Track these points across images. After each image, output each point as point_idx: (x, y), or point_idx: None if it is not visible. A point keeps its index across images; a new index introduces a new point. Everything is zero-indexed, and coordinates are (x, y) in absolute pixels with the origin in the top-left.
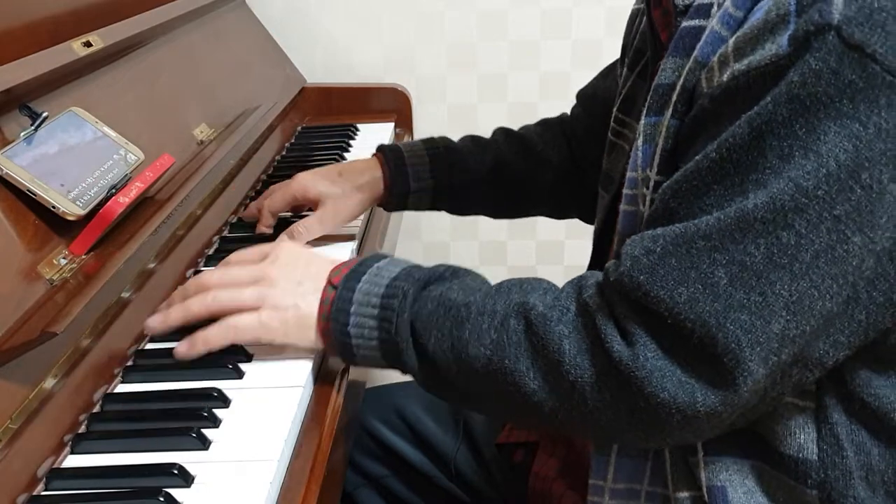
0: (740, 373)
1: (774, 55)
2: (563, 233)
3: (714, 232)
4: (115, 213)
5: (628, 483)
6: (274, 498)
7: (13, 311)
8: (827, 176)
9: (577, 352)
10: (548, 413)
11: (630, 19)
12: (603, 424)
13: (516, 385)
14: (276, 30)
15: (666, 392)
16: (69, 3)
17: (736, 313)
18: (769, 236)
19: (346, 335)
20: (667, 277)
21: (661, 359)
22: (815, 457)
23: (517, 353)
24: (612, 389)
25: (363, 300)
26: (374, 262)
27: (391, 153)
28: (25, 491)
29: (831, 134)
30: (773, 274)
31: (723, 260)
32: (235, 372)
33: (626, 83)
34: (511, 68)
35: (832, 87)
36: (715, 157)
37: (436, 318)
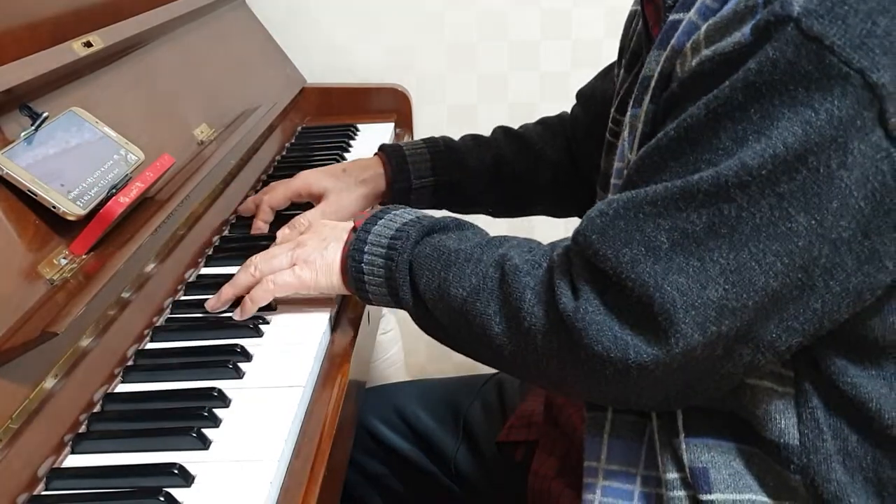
0: (673, 333)
1: (737, 43)
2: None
3: (660, 199)
4: (116, 214)
5: (623, 465)
6: (274, 498)
7: (13, 311)
8: (773, 157)
9: (536, 302)
10: (507, 356)
11: (627, 21)
12: (550, 372)
13: (483, 327)
14: (276, 30)
15: (600, 345)
16: (69, 3)
17: (674, 276)
18: (711, 207)
19: (360, 272)
20: (615, 238)
21: (600, 314)
22: (797, 441)
23: (489, 298)
24: (558, 339)
25: (375, 240)
26: (393, 210)
27: (393, 151)
28: (26, 490)
29: (784, 119)
30: (712, 242)
31: (666, 225)
32: (235, 372)
33: (622, 84)
34: (511, 68)
35: (787, 76)
36: (673, 136)
37: (430, 260)
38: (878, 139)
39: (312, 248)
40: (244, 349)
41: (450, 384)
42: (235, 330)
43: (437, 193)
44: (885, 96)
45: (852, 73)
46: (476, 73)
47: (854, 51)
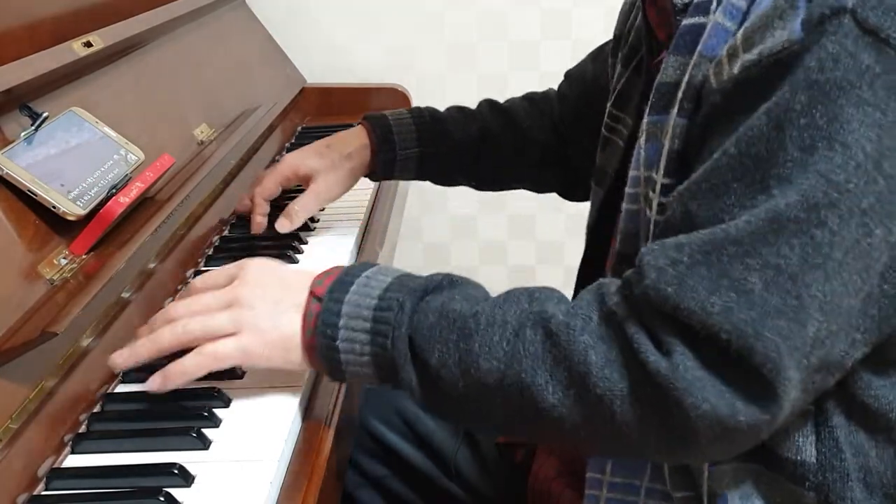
0: (780, 381)
1: (787, 41)
2: (563, 233)
3: (745, 235)
4: (116, 213)
5: (626, 478)
6: (274, 498)
7: (13, 311)
8: (856, 168)
9: (605, 363)
10: (568, 429)
11: (624, 11)
12: (630, 439)
13: (533, 400)
14: (276, 30)
15: (707, 403)
16: (69, 3)
17: (773, 320)
18: (803, 236)
19: (335, 350)
20: (697, 288)
21: (699, 369)
22: (814, 459)
23: (534, 366)
24: (644, 402)
25: (353, 313)
26: (361, 270)
27: (377, 121)
28: (26, 490)
29: (854, 122)
30: (808, 275)
31: (756, 265)
32: (235, 371)
33: (620, 79)
34: (511, 68)
35: (851, 72)
36: (733, 153)
37: (438, 330)
38: None
39: (262, 314)
40: None
41: None
42: None
43: (422, 164)
44: None
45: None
46: (476, 73)
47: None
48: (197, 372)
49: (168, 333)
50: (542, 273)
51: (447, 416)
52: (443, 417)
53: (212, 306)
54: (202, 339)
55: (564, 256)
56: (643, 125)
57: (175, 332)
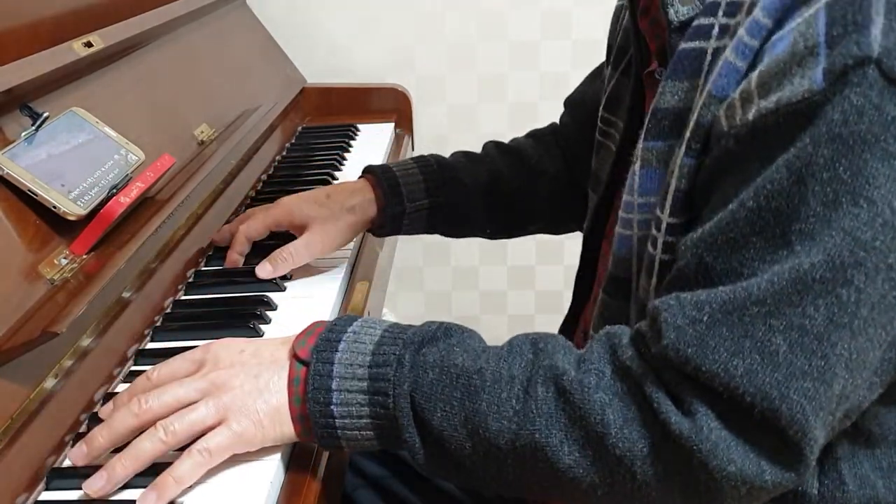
0: (806, 442)
1: (808, 90)
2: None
3: (768, 296)
4: (116, 213)
5: None
6: (274, 498)
7: (14, 311)
8: (883, 225)
9: (624, 422)
10: (585, 490)
11: (614, 17)
12: (651, 499)
13: (548, 461)
14: (276, 30)
15: (733, 465)
16: (70, 4)
17: (798, 381)
18: (829, 296)
19: (329, 416)
20: (718, 349)
21: (723, 429)
22: (815, 491)
23: (548, 425)
24: (666, 463)
25: (346, 373)
26: (347, 325)
27: (383, 173)
28: (26, 490)
29: (881, 177)
30: (833, 335)
31: (780, 326)
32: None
33: (610, 82)
34: (511, 68)
35: (876, 125)
36: (752, 206)
37: (441, 387)
38: None
39: (245, 392)
40: None
41: None
42: (235, 330)
43: (432, 216)
44: None
45: None
46: (476, 73)
47: None
48: (195, 474)
49: (149, 443)
50: (540, 273)
51: (453, 477)
52: (448, 479)
53: (186, 399)
54: (188, 438)
55: (564, 256)
56: (638, 150)
57: (158, 438)
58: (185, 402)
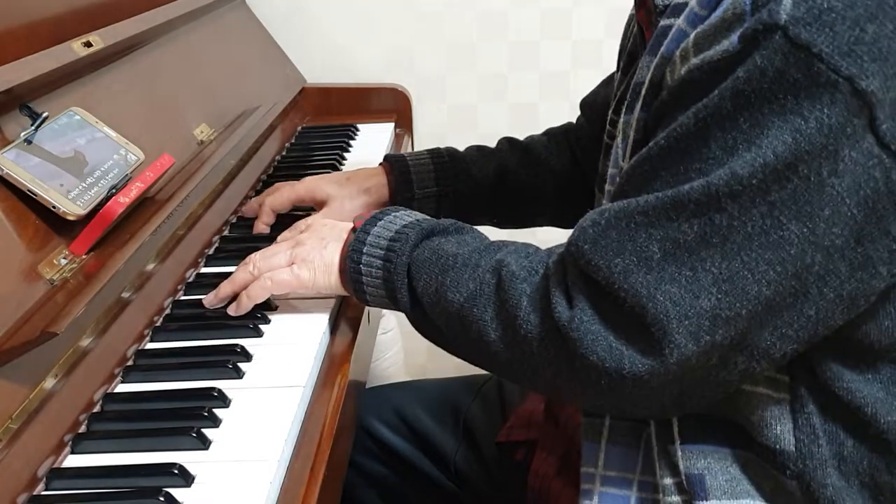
0: (667, 343)
1: (725, 51)
2: (562, 233)
3: (650, 208)
4: (116, 213)
5: (620, 471)
6: (274, 498)
7: (13, 311)
8: (763, 165)
9: (532, 309)
10: (504, 363)
11: (627, 23)
12: (546, 379)
13: (480, 333)
14: (276, 30)
15: (595, 355)
16: (69, 3)
17: (666, 286)
18: (702, 217)
19: (358, 273)
20: (606, 248)
21: (595, 323)
22: (793, 447)
23: (485, 304)
24: (554, 347)
25: (374, 242)
26: (393, 211)
27: (396, 161)
28: (26, 490)
29: (774, 128)
30: (704, 251)
31: (658, 235)
32: (235, 372)
33: (619, 86)
34: (511, 68)
35: (776, 85)
36: (663, 145)
37: (428, 264)
38: (870, 146)
39: (311, 248)
40: (244, 349)
41: (449, 384)
42: (235, 330)
43: (440, 204)
44: (874, 103)
45: (841, 81)
46: (476, 73)
47: (842, 58)
48: (261, 293)
49: (242, 272)
50: None
51: (429, 336)
52: (427, 338)
53: (276, 249)
54: (266, 271)
55: None
56: (619, 124)
57: (248, 269)
58: (275, 253)
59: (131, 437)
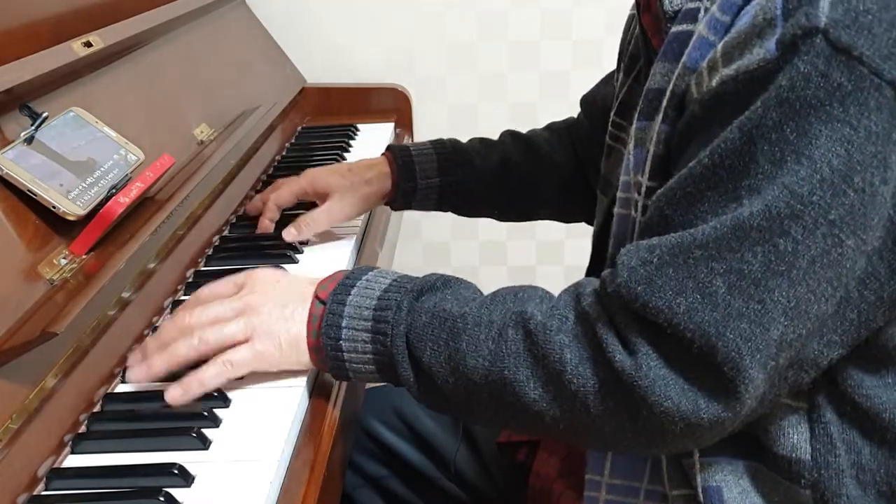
0: (741, 381)
1: (762, 59)
2: (563, 233)
3: (711, 241)
4: (116, 213)
5: (626, 480)
6: (274, 498)
7: (13, 311)
8: (821, 181)
9: (579, 361)
10: (549, 422)
11: (627, 24)
12: (606, 433)
13: (516, 395)
14: (276, 30)
15: (670, 401)
16: (69, 3)
17: (735, 322)
18: (766, 244)
19: (338, 350)
20: (664, 288)
21: (663, 367)
22: (809, 456)
23: (517, 364)
24: (615, 399)
25: (354, 313)
26: (362, 274)
27: (399, 151)
28: (26, 490)
29: (823, 138)
30: (771, 281)
31: (720, 269)
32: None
33: (622, 88)
34: (511, 68)
35: (821, 91)
36: (707, 164)
37: (431, 329)
38: None
39: (272, 318)
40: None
41: None
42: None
43: (442, 194)
44: None
45: (884, 85)
46: (476, 73)
47: (884, 61)
48: (216, 382)
49: (184, 347)
50: (541, 273)
51: (442, 410)
52: (439, 411)
53: (223, 316)
54: (217, 348)
55: (564, 256)
56: (632, 131)
57: (191, 344)
58: (222, 319)
59: (131, 437)
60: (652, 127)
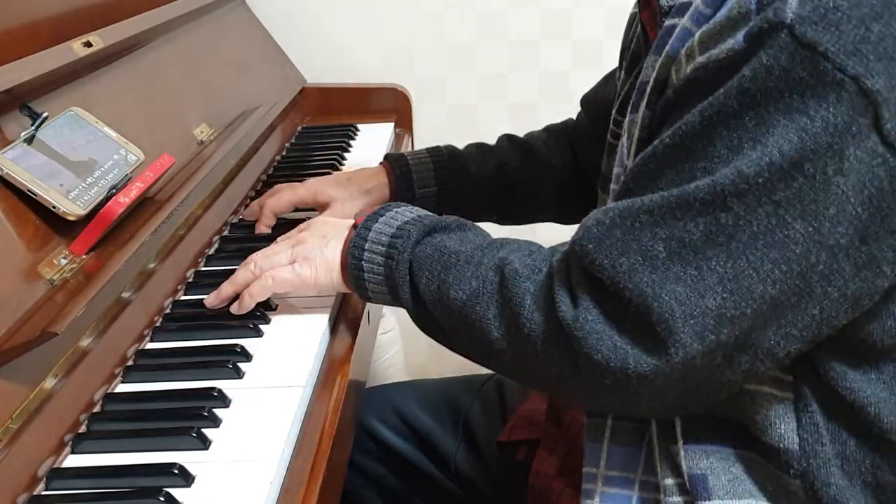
0: (672, 343)
1: (731, 49)
2: (563, 233)
3: (656, 207)
4: (116, 214)
5: (622, 471)
6: (274, 498)
7: (13, 311)
8: (769, 164)
9: (536, 308)
10: (507, 361)
11: (628, 22)
12: (549, 378)
13: (483, 331)
14: (276, 30)
15: (600, 354)
16: (69, 3)
17: (672, 285)
18: (708, 216)
19: (360, 269)
20: (611, 247)
21: (600, 322)
22: (797, 446)
23: (488, 302)
24: (558, 346)
25: (375, 238)
26: (395, 207)
27: (396, 161)
28: (26, 490)
29: (779, 127)
30: (709, 251)
31: (662, 234)
32: (235, 371)
33: (623, 86)
34: (511, 68)
35: (782, 83)
36: (668, 143)
37: (430, 261)
38: (874, 145)
39: (313, 246)
40: (244, 349)
41: (449, 384)
42: (235, 330)
43: (440, 203)
44: (880, 102)
45: (847, 80)
46: (476, 73)
47: (848, 57)
48: (262, 292)
49: (243, 272)
50: None
51: (433, 334)
52: (430, 335)
53: (277, 248)
54: (267, 270)
55: None
56: (624, 124)
57: (248, 269)
58: (277, 252)
59: (131, 437)
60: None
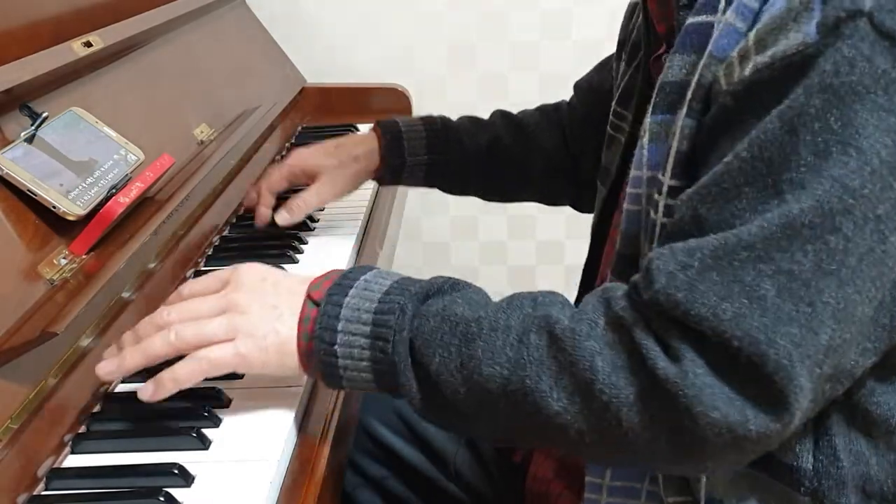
0: (792, 390)
1: (802, 44)
2: (563, 233)
3: (758, 241)
4: (116, 213)
5: (626, 481)
6: (274, 498)
7: (13, 311)
8: (871, 174)
9: (612, 369)
10: (573, 436)
11: (627, 12)
12: (638, 447)
13: (537, 406)
14: (276, 30)
15: (717, 411)
16: (69, 3)
17: (785, 327)
18: (817, 241)
19: (332, 355)
20: (708, 293)
21: (710, 376)
22: (810, 465)
23: (539, 372)
24: (653, 409)
25: (352, 316)
26: (361, 274)
27: (388, 127)
28: (26, 490)
29: (870, 128)
30: (821, 282)
31: (769, 270)
32: (236, 371)
33: (623, 77)
34: (511, 68)
35: (867, 76)
36: (745, 157)
37: (440, 335)
38: None
39: (258, 318)
40: None
41: None
42: None
43: (430, 172)
44: None
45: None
46: (476, 73)
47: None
48: (190, 379)
49: (159, 341)
50: (542, 273)
51: (447, 424)
52: (442, 426)
53: (204, 312)
54: (196, 346)
55: (565, 256)
56: (646, 124)
57: (167, 339)
58: (203, 316)
59: (131, 437)
60: (674, 122)
